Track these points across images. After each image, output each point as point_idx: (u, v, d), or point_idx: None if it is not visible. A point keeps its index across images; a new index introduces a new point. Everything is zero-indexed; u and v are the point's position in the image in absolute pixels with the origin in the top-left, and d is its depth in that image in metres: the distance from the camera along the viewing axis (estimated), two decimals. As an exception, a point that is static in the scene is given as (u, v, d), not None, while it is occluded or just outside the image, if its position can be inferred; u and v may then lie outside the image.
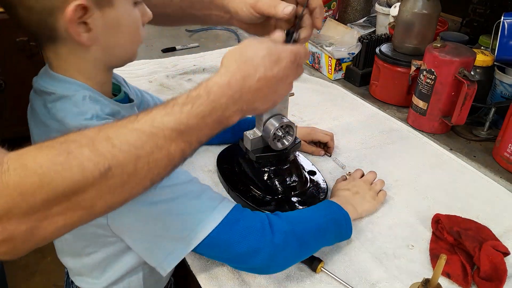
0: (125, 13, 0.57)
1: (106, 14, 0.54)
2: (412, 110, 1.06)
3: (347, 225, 0.70)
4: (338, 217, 0.69)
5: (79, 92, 0.56)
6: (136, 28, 0.60)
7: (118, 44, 0.58)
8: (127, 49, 0.60)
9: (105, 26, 0.55)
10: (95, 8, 0.53)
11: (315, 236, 0.66)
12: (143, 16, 0.61)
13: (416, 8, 1.06)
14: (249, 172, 0.81)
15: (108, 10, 0.54)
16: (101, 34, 0.55)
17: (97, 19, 0.53)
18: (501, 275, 0.64)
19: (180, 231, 0.58)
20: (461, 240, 0.68)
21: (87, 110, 0.54)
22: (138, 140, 0.45)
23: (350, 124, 1.09)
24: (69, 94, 0.55)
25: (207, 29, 1.73)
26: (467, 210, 0.81)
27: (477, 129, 1.03)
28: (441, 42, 0.96)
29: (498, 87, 1.03)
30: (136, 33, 0.60)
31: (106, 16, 0.54)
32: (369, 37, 1.22)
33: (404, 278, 0.66)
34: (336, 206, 0.71)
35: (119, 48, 0.59)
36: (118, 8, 0.55)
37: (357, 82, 1.27)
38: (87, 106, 0.55)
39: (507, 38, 0.95)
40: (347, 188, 0.79)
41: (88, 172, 0.41)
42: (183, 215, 0.58)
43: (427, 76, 0.98)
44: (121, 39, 0.58)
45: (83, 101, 0.55)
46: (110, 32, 0.56)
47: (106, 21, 0.55)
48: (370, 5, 1.55)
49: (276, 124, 0.72)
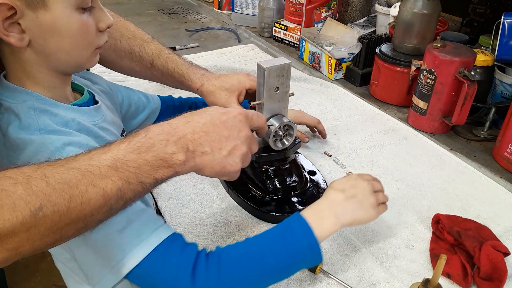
0: (64, 17, 0.54)
1: (40, 16, 0.52)
2: (412, 110, 1.06)
3: (312, 255, 0.57)
4: (300, 247, 0.57)
5: (25, 104, 0.55)
6: (82, 33, 0.57)
7: (60, 49, 0.56)
8: (72, 54, 0.58)
9: (40, 28, 0.53)
10: (27, 9, 0.51)
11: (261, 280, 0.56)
12: (98, 22, 0.59)
13: (416, 8, 1.06)
14: (249, 172, 0.81)
15: (43, 13, 0.52)
16: (37, 36, 0.54)
17: (30, 21, 0.52)
18: (501, 275, 0.64)
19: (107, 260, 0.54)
20: (461, 240, 0.68)
21: (31, 124, 0.54)
22: (73, 178, 0.43)
23: (350, 124, 1.09)
24: (16, 103, 0.55)
25: (207, 29, 1.73)
26: (467, 210, 0.81)
27: (477, 129, 1.03)
28: (441, 42, 0.96)
29: (498, 87, 1.03)
30: (83, 39, 0.57)
31: (40, 19, 0.52)
32: (369, 37, 1.22)
33: (404, 278, 0.66)
34: (299, 232, 0.58)
35: (62, 53, 0.57)
36: (54, 11, 0.53)
37: (357, 82, 1.27)
38: (31, 119, 0.54)
39: (507, 38, 0.95)
40: (341, 189, 0.64)
41: (19, 211, 0.39)
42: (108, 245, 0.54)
43: (427, 76, 0.98)
44: (61, 44, 0.56)
45: (28, 113, 0.54)
46: (47, 35, 0.54)
47: (40, 24, 0.53)
48: (370, 5, 1.54)
49: (276, 124, 0.72)
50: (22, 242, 0.41)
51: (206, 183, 0.85)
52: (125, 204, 0.47)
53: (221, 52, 1.50)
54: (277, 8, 1.58)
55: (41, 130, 0.53)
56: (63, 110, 0.58)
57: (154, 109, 0.88)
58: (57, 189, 0.42)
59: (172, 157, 0.49)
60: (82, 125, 0.58)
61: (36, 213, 0.40)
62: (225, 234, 0.73)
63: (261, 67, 0.68)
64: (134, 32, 0.82)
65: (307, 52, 1.39)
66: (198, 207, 0.79)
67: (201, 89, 0.82)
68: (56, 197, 0.41)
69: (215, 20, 1.86)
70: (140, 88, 1.12)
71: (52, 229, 0.42)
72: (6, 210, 0.39)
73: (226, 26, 1.78)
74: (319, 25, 1.45)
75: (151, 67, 0.83)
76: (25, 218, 0.40)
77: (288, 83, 0.72)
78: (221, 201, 0.81)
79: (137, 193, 0.48)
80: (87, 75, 0.74)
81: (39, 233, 0.41)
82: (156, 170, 0.48)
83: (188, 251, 0.54)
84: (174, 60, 0.84)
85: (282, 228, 0.59)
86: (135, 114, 0.84)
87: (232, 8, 1.74)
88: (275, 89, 0.71)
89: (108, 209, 0.46)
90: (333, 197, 0.63)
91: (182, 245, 0.55)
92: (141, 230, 0.54)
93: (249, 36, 1.68)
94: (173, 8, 2.00)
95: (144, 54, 0.82)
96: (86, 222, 0.45)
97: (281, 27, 1.54)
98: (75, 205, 0.43)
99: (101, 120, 0.64)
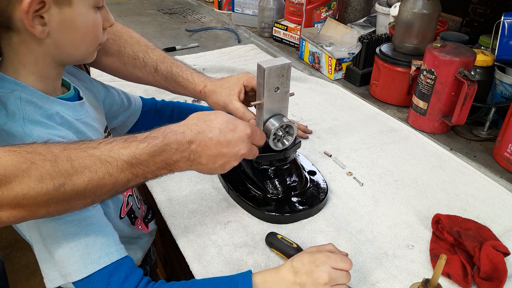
0: (83, 14, 0.59)
1: (63, 12, 0.57)
2: (412, 110, 1.06)
3: None
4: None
5: (13, 93, 0.58)
6: (93, 30, 0.62)
7: (71, 43, 0.61)
8: (80, 49, 0.63)
9: (61, 23, 0.58)
10: (53, 4, 0.56)
11: None
12: (104, 21, 0.64)
13: (416, 8, 1.06)
14: (249, 172, 0.81)
15: (66, 9, 0.57)
16: (55, 30, 0.57)
17: (53, 15, 0.56)
18: (501, 275, 0.64)
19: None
20: (461, 240, 0.68)
21: (16, 113, 0.56)
22: (93, 165, 0.51)
23: (350, 124, 1.09)
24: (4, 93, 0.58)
25: (207, 29, 1.73)
26: (467, 210, 0.81)
27: (477, 129, 1.03)
28: (441, 42, 0.96)
29: (498, 87, 1.03)
30: (92, 36, 0.63)
31: (63, 14, 0.57)
32: (369, 37, 1.22)
33: (404, 278, 0.66)
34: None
35: (71, 47, 0.61)
36: (76, 8, 0.58)
37: (357, 82, 1.27)
38: (17, 108, 0.57)
39: (507, 38, 0.95)
40: (296, 271, 0.58)
41: (44, 183, 0.47)
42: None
43: (427, 76, 0.98)
44: (74, 39, 0.60)
45: (14, 103, 0.57)
46: (64, 29, 0.58)
47: (62, 19, 0.57)
48: (370, 5, 1.54)
49: (276, 124, 0.72)
50: (40, 208, 0.49)
51: (206, 183, 0.85)
52: (126, 189, 0.57)
53: (221, 52, 1.50)
54: (277, 8, 1.58)
55: (25, 119, 0.56)
56: (49, 103, 0.61)
57: (135, 111, 0.90)
58: (79, 172, 0.50)
59: (175, 163, 0.58)
60: (65, 119, 0.62)
61: (58, 188, 0.48)
62: (225, 234, 0.73)
63: (261, 67, 0.68)
64: (138, 39, 0.84)
65: (307, 52, 1.39)
66: (198, 207, 0.79)
67: (204, 90, 0.83)
68: (77, 178, 0.50)
69: (215, 20, 1.86)
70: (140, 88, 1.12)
71: (67, 201, 0.50)
72: (34, 180, 0.47)
73: (226, 26, 1.78)
74: (319, 25, 1.45)
75: (155, 72, 0.84)
76: (49, 190, 0.48)
77: (288, 83, 0.72)
78: (221, 201, 0.81)
79: (139, 183, 0.57)
80: (73, 71, 0.76)
81: (56, 203, 0.49)
82: (159, 171, 0.58)
83: (130, 280, 0.58)
84: (178, 65, 0.85)
85: (228, 283, 0.58)
86: (116, 114, 0.86)
87: (232, 8, 1.74)
88: (275, 89, 0.71)
89: (114, 192, 0.55)
90: (285, 275, 0.59)
91: (127, 272, 0.59)
92: (92, 247, 0.58)
93: (249, 36, 1.68)
94: (173, 8, 2.00)
95: (148, 59, 0.83)
96: (94, 199, 0.53)
97: (281, 27, 1.54)
98: (91, 187, 0.51)
99: (84, 116, 0.67)
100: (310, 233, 0.74)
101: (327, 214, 0.79)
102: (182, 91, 0.86)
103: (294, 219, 0.76)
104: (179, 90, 0.86)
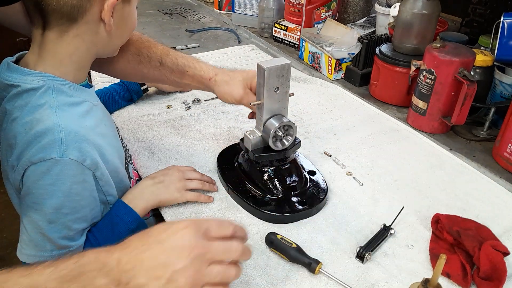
0: (133, 11, 0.66)
1: (125, 8, 0.64)
2: (412, 110, 1.06)
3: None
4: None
5: (45, 84, 0.60)
6: (135, 26, 0.69)
7: (121, 35, 0.67)
8: (122, 41, 0.69)
9: (121, 17, 0.63)
10: (122, 0, 0.62)
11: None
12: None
13: (416, 8, 1.06)
14: (249, 172, 0.81)
15: (127, 5, 0.64)
16: (115, 23, 0.62)
17: (118, 10, 0.62)
18: (501, 275, 0.64)
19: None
20: (460, 240, 0.68)
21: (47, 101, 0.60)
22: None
23: (350, 124, 1.09)
24: (34, 85, 0.60)
25: (207, 29, 1.73)
26: (467, 210, 0.81)
27: (477, 129, 1.03)
28: (441, 42, 0.96)
29: (498, 87, 1.03)
30: (131, 31, 0.70)
31: (124, 10, 0.64)
32: (369, 37, 1.22)
33: (404, 278, 0.66)
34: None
35: (119, 39, 0.68)
36: (132, 6, 0.65)
37: (357, 82, 1.27)
38: (49, 97, 0.60)
39: (507, 38, 0.95)
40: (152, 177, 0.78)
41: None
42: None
43: (427, 76, 0.98)
44: (124, 32, 0.67)
45: (46, 92, 0.60)
46: (121, 23, 0.64)
47: (122, 14, 0.63)
48: (370, 5, 1.55)
49: (276, 124, 0.73)
50: None
51: (206, 183, 0.85)
52: None
53: (221, 52, 1.50)
54: (277, 8, 1.58)
55: (56, 108, 0.60)
56: (75, 91, 0.64)
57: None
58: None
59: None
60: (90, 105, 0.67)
61: None
62: (225, 234, 0.73)
63: (261, 67, 0.69)
64: (140, 36, 0.85)
65: (307, 52, 1.39)
66: (198, 207, 0.79)
67: (214, 78, 0.82)
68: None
69: (215, 20, 1.86)
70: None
71: None
72: None
73: (226, 26, 1.78)
74: (319, 25, 1.45)
75: (160, 66, 0.83)
76: None
77: (288, 83, 0.72)
78: (221, 201, 0.81)
79: None
80: None
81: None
82: None
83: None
84: (183, 56, 0.85)
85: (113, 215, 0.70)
86: None
87: (232, 9, 1.74)
88: (275, 89, 0.71)
89: None
90: (144, 183, 0.77)
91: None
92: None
93: (249, 37, 1.68)
94: (173, 9, 2.00)
95: (152, 54, 0.83)
96: None
97: (281, 27, 1.54)
98: None
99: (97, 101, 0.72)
100: (310, 233, 0.74)
101: (327, 214, 0.79)
102: (189, 81, 0.85)
103: (294, 219, 0.76)
104: (185, 80, 0.85)
